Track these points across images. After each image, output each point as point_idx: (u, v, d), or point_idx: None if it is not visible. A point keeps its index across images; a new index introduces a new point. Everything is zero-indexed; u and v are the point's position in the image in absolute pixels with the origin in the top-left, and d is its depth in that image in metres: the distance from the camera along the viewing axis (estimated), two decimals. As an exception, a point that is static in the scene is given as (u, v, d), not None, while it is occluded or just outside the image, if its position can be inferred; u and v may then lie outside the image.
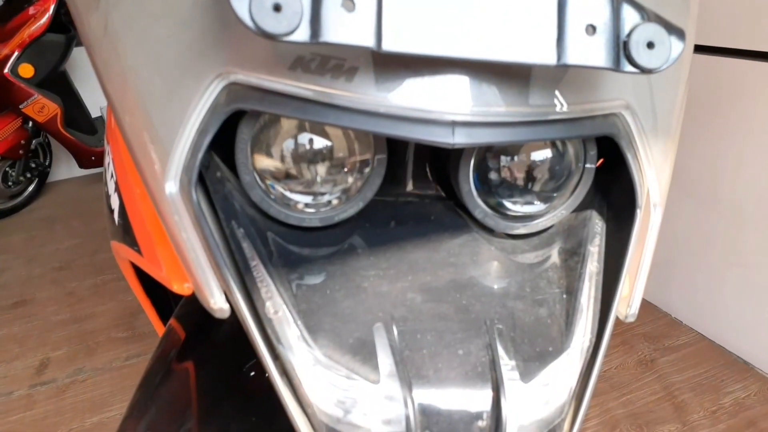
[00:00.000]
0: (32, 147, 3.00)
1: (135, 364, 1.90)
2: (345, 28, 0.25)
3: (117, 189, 0.45)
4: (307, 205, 0.34)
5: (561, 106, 0.30)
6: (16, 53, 2.59)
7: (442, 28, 0.26)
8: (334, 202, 0.35)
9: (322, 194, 0.34)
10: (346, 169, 0.34)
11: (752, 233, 1.60)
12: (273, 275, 0.31)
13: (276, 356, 0.29)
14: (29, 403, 1.77)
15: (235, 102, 0.29)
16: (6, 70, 2.59)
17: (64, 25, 2.76)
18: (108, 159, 0.50)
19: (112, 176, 0.47)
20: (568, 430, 0.30)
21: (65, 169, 3.46)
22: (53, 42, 2.75)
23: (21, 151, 2.90)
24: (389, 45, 0.25)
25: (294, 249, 0.34)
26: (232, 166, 0.33)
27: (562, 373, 0.30)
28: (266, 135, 0.33)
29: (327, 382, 0.28)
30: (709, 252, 1.73)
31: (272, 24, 0.24)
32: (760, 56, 1.52)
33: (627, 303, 0.34)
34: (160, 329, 0.70)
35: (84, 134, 3.01)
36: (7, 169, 2.95)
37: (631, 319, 0.35)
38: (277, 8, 0.23)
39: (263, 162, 0.33)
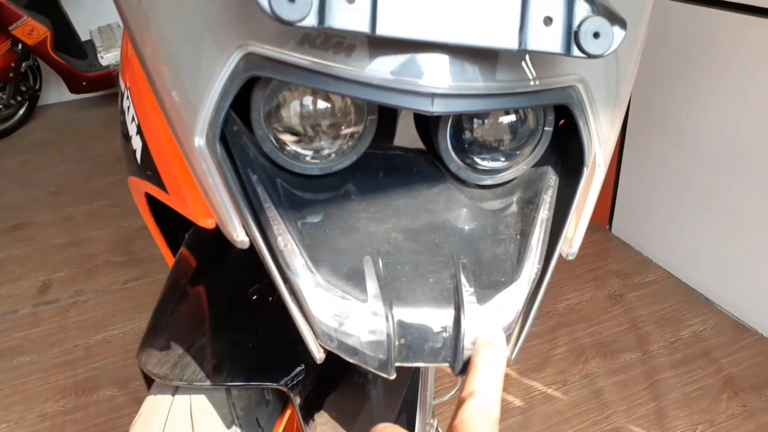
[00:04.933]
0: (22, 70, 2.98)
1: (133, 287, 1.99)
2: (346, 16, 0.30)
3: (139, 132, 0.51)
4: (309, 156, 0.41)
5: (523, 80, 0.36)
6: (3, -27, 2.54)
7: (425, 16, 0.31)
8: (333, 155, 0.41)
9: (323, 148, 0.41)
10: (342, 127, 0.40)
11: (725, 181, 1.68)
12: (282, 215, 0.37)
13: (286, 280, 0.36)
14: (34, 320, 1.88)
15: (252, 69, 0.35)
16: (-7, -9, 2.54)
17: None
18: (127, 103, 0.56)
19: (133, 119, 0.53)
20: (513, 342, 0.38)
21: (55, 93, 3.44)
22: (40, -39, 2.68)
23: (11, 74, 2.88)
24: (381, 30, 0.31)
25: (299, 193, 0.40)
26: (248, 123, 0.39)
27: (512, 298, 0.38)
28: (276, 97, 0.39)
29: (326, 300, 0.36)
30: (684, 196, 1.82)
31: (287, 12, 0.29)
32: (737, 8, 1.55)
33: (569, 243, 0.42)
34: (168, 256, 0.77)
35: (74, 58, 2.98)
36: (-3, 92, 2.95)
37: (571, 257, 0.42)
38: (291, -1, 0.29)
39: (273, 119, 0.39)
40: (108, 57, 3.06)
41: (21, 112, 3.14)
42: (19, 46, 2.81)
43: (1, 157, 2.95)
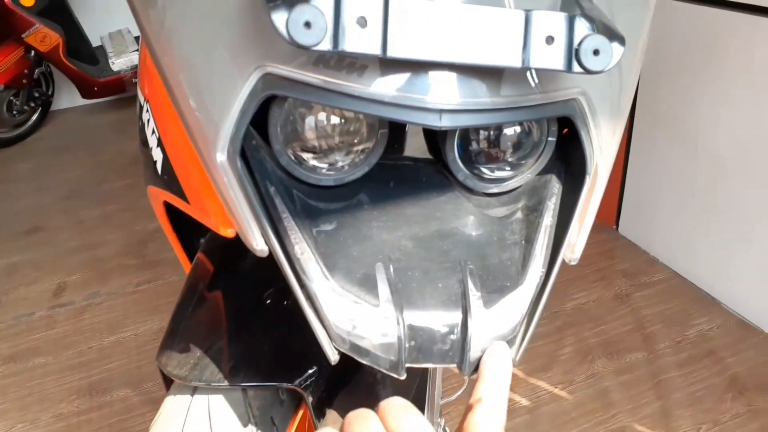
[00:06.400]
0: (35, 76, 3.02)
1: (145, 289, 2.02)
2: (358, 40, 0.33)
3: (160, 144, 0.54)
4: (324, 169, 0.43)
5: (527, 95, 0.38)
6: (15, -18, 2.58)
7: (433, 38, 0.33)
8: (346, 167, 0.44)
9: (337, 161, 0.43)
10: (355, 141, 0.43)
11: (731, 182, 1.69)
12: (298, 224, 0.40)
13: (302, 286, 0.39)
14: (50, 323, 1.91)
15: (270, 89, 0.37)
16: (6, -1, 2.58)
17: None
18: (147, 116, 0.58)
19: (153, 132, 0.55)
20: (518, 344, 0.40)
21: (67, 98, 3.48)
22: (52, -31, 2.72)
23: (24, 81, 2.93)
24: (392, 52, 0.33)
25: (313, 203, 0.43)
26: (265, 137, 0.41)
27: (517, 302, 0.40)
28: (292, 114, 0.41)
29: (340, 305, 0.38)
30: (690, 197, 1.83)
31: (303, 37, 0.32)
32: (744, 8, 1.56)
33: (572, 249, 0.44)
34: (184, 261, 0.79)
35: (86, 64, 3.03)
36: (11, 98, 2.99)
37: (574, 262, 0.44)
38: (307, 25, 0.31)
39: (290, 135, 0.42)
40: (119, 62, 3.10)
41: (34, 117, 3.19)
42: (32, 53, 2.86)
43: (15, 162, 2.99)
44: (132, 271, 2.11)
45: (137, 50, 3.15)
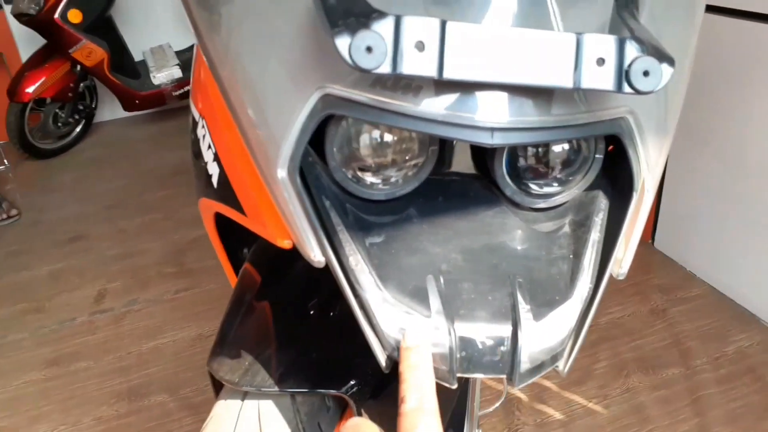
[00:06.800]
0: (80, 90, 3.13)
1: (184, 297, 2.07)
2: (416, 63, 0.34)
3: (216, 159, 0.56)
4: (377, 184, 0.45)
5: (576, 113, 0.39)
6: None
7: (487, 60, 0.35)
8: (398, 181, 0.45)
9: (390, 177, 0.45)
10: (407, 157, 0.44)
11: (770, 194, 1.66)
12: (352, 237, 0.41)
13: (356, 296, 0.40)
14: (91, 328, 1.97)
15: (329, 108, 0.39)
16: (56, 16, 2.69)
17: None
18: (203, 131, 0.61)
19: (209, 147, 0.58)
20: (566, 357, 0.41)
21: (109, 111, 3.59)
22: (99, -12, 2.82)
23: (70, 94, 3.03)
24: (448, 74, 0.35)
25: (366, 217, 0.44)
26: (321, 154, 0.43)
27: (565, 315, 0.40)
28: (349, 132, 0.43)
29: (393, 315, 0.40)
30: (728, 210, 1.80)
31: (365, 61, 0.33)
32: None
33: (619, 264, 0.45)
34: (229, 271, 0.81)
35: (128, 78, 3.12)
36: (57, 110, 3.10)
37: (621, 277, 0.45)
38: (369, 50, 0.33)
39: (346, 152, 0.44)
40: (160, 76, 3.19)
41: (78, 129, 3.29)
42: (78, 67, 2.96)
43: (59, 173, 3.10)
44: (171, 279, 2.16)
45: (177, 64, 3.24)
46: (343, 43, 0.32)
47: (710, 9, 1.70)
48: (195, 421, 1.57)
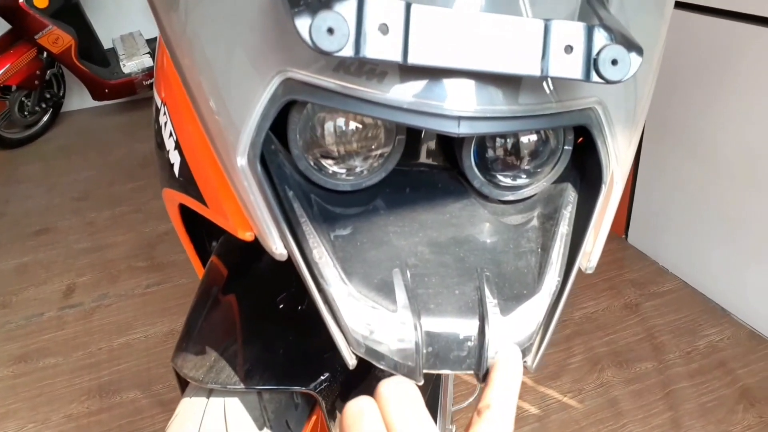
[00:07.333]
0: (47, 78, 3.05)
1: (155, 291, 2.03)
2: (380, 47, 0.33)
3: (177, 147, 0.54)
4: (342, 174, 0.43)
5: (545, 103, 0.38)
6: (30, -16, 2.61)
7: (453, 46, 0.34)
8: (364, 172, 0.44)
9: (355, 166, 0.43)
10: (373, 146, 0.43)
11: (741, 193, 1.68)
12: (317, 229, 0.40)
13: (320, 290, 0.39)
14: (59, 324, 1.92)
15: (290, 94, 0.37)
16: (21, 0, 2.60)
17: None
18: (164, 118, 0.59)
19: (170, 135, 0.56)
20: (534, 352, 0.40)
21: (78, 99, 3.51)
22: (66, -27, 2.75)
23: (36, 82, 2.95)
24: (413, 59, 0.33)
25: (331, 208, 0.43)
26: (284, 142, 0.42)
27: (533, 309, 0.40)
28: (312, 119, 0.41)
29: (358, 310, 0.38)
30: (700, 206, 1.82)
31: (326, 43, 0.32)
32: (755, 20, 1.55)
33: (588, 257, 0.44)
34: (196, 264, 0.79)
35: (97, 66, 3.05)
36: (23, 98, 3.02)
37: (590, 271, 0.44)
38: (330, 31, 0.31)
39: (309, 140, 0.42)
40: (130, 65, 3.12)
41: (45, 118, 3.22)
42: (45, 54, 2.88)
43: (25, 163, 3.02)
44: (141, 273, 2.12)
45: (148, 53, 3.17)
46: (303, 23, 0.31)
47: (685, 6, 1.72)
48: (167, 418, 1.53)
